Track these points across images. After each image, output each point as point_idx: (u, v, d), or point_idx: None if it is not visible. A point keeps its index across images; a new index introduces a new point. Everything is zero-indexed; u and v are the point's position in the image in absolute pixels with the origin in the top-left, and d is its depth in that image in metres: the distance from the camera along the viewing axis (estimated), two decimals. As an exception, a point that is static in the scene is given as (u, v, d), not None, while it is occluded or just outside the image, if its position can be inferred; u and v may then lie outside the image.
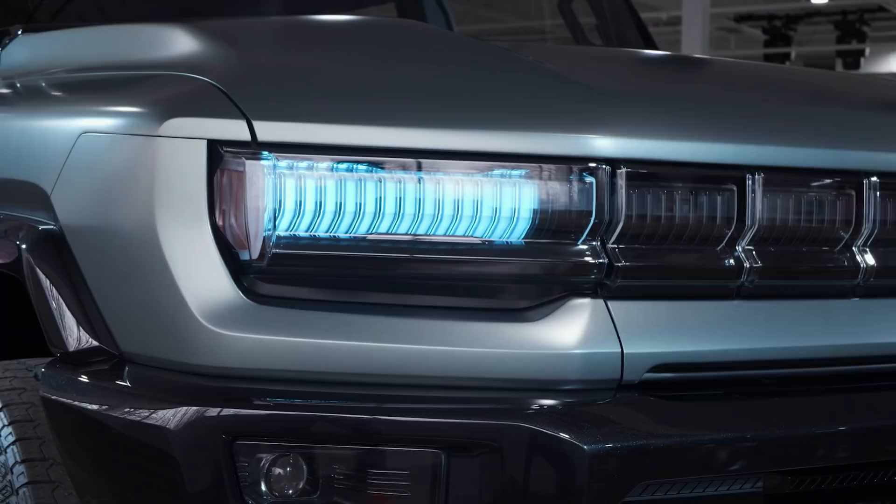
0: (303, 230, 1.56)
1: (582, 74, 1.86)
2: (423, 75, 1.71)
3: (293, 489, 1.55)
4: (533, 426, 1.50)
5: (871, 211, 1.79)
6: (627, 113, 1.66)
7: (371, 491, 1.53)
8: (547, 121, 1.61)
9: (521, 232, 1.59)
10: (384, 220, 1.57)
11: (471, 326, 1.58)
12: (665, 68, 2.45)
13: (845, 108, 2.07)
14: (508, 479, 1.51)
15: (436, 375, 1.56)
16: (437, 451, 1.51)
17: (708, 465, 1.59)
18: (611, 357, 1.58)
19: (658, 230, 1.64)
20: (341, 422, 1.54)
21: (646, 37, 3.99)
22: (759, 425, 1.65)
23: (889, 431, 1.77)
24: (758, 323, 1.71)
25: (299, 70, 1.68)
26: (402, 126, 1.57)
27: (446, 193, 1.57)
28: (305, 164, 1.55)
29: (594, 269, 1.60)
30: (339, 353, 1.55)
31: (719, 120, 1.73)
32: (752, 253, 1.71)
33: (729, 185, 1.68)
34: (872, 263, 1.80)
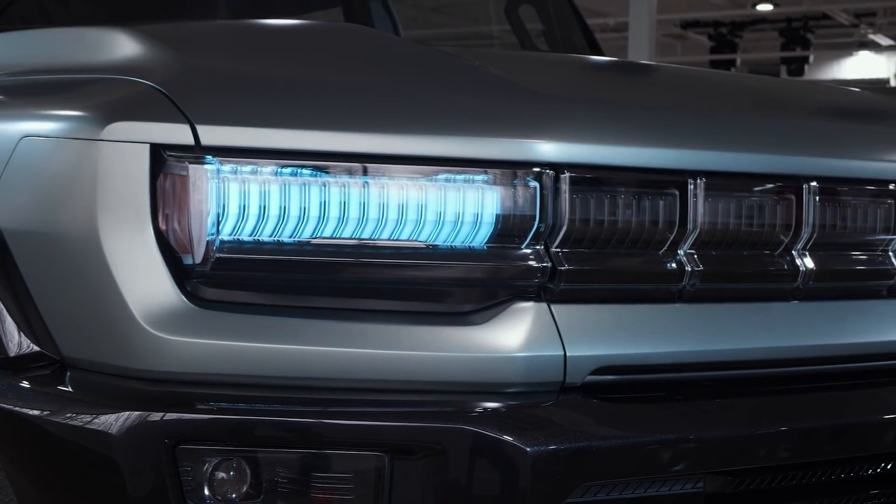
0: (247, 234, 1.55)
1: (526, 80, 1.87)
2: (368, 80, 1.71)
3: (237, 493, 1.54)
4: (476, 429, 1.51)
5: (810, 215, 1.82)
6: (571, 118, 1.67)
7: (314, 494, 1.53)
8: (491, 126, 1.62)
9: (465, 236, 1.60)
10: (329, 225, 1.57)
11: (415, 330, 1.58)
12: (609, 74, 2.47)
13: (787, 115, 2.10)
14: (452, 482, 1.51)
15: (380, 379, 1.57)
16: (381, 454, 1.52)
17: (649, 466, 1.61)
18: (554, 360, 1.59)
19: (601, 234, 1.65)
20: (284, 425, 1.54)
21: (592, 43, 4.02)
22: (699, 426, 1.67)
23: (828, 432, 1.80)
24: (699, 325, 1.73)
25: (244, 74, 1.67)
26: (347, 130, 1.57)
27: (391, 198, 1.58)
28: (249, 169, 1.55)
29: (538, 273, 1.61)
30: (282, 357, 1.55)
31: (661, 125, 1.75)
32: (694, 257, 1.73)
33: (671, 189, 1.70)
34: (812, 266, 1.83)
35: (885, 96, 2.63)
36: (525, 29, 4.04)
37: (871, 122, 2.21)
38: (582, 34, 4.04)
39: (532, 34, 4.04)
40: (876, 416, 1.86)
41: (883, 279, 1.94)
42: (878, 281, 1.93)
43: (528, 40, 4.01)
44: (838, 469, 1.83)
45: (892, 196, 1.92)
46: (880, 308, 1.94)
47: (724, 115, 1.91)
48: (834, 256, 1.87)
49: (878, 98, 2.57)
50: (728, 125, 1.83)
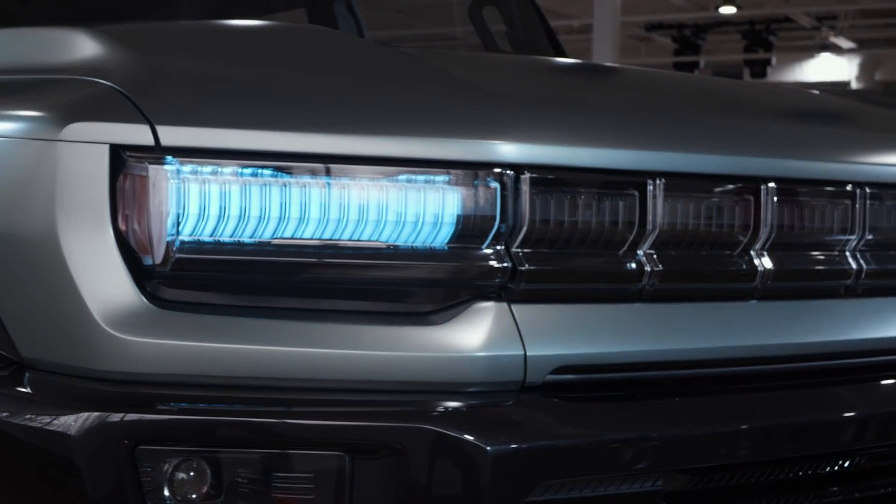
0: (207, 235, 1.55)
1: (487, 81, 1.88)
2: (329, 81, 1.71)
3: (197, 494, 1.54)
4: (436, 428, 1.52)
5: (768, 216, 1.83)
6: (531, 119, 1.68)
7: (276, 494, 1.53)
8: (452, 127, 1.62)
9: (425, 236, 1.61)
10: (289, 225, 1.57)
11: (376, 330, 1.59)
12: (571, 76, 2.48)
13: (746, 116, 2.11)
14: (413, 481, 1.52)
15: (341, 379, 1.57)
16: (342, 453, 1.52)
17: (608, 465, 1.62)
18: (514, 359, 1.60)
19: (561, 235, 1.66)
20: (245, 426, 1.54)
21: (555, 44, 4.04)
22: (658, 425, 1.68)
23: (786, 430, 1.82)
24: (659, 325, 1.75)
25: (205, 75, 1.67)
26: (307, 131, 1.57)
27: (352, 198, 1.58)
28: (210, 169, 1.55)
29: (498, 274, 1.62)
30: (243, 358, 1.55)
31: (621, 127, 1.76)
32: (653, 257, 1.74)
33: (630, 190, 1.71)
34: (770, 266, 1.85)
35: (843, 98, 2.66)
36: (489, 30, 4.05)
37: (829, 124, 2.24)
38: (545, 36, 4.06)
39: (496, 35, 4.04)
40: (834, 415, 1.88)
41: (840, 279, 1.96)
42: (836, 281, 1.95)
43: (492, 42, 4.02)
44: (797, 467, 1.85)
45: (849, 197, 1.94)
46: (837, 307, 1.96)
47: (683, 116, 1.93)
48: (792, 256, 1.89)
49: (837, 100, 2.60)
50: (687, 126, 1.85)
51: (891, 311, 2.03)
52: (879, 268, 1.99)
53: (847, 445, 1.90)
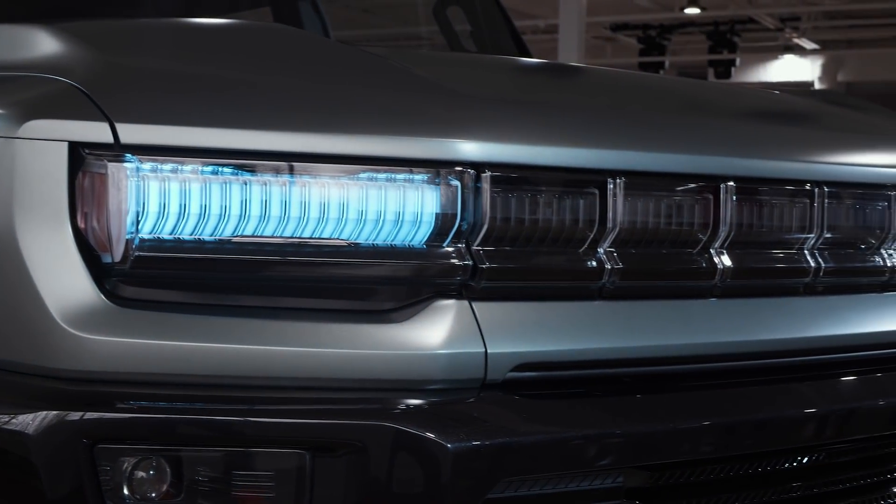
0: (167, 233, 1.55)
1: (449, 80, 1.89)
2: (291, 79, 1.71)
3: (156, 492, 1.54)
4: (396, 425, 1.52)
5: (728, 214, 1.85)
6: (492, 118, 1.69)
7: (236, 493, 1.53)
8: (413, 125, 1.63)
9: (386, 234, 1.61)
10: (249, 223, 1.57)
11: (336, 328, 1.59)
12: (533, 75, 2.49)
13: (706, 116, 2.13)
14: (373, 479, 1.52)
15: (301, 377, 1.57)
16: (302, 451, 1.52)
17: (569, 462, 1.63)
18: (475, 357, 1.61)
19: (522, 233, 1.67)
20: (204, 424, 1.53)
21: (519, 44, 4.05)
22: (618, 422, 1.69)
23: (746, 427, 1.83)
24: (619, 323, 1.76)
25: (165, 72, 1.66)
26: (268, 129, 1.57)
27: (312, 196, 1.58)
28: (170, 167, 1.54)
29: (459, 271, 1.62)
30: (203, 356, 1.54)
31: (582, 125, 1.77)
32: (614, 255, 1.75)
33: (591, 188, 1.72)
34: (729, 265, 1.86)
35: (804, 98, 2.68)
36: (453, 30, 4.05)
37: (789, 124, 2.26)
38: (509, 35, 4.07)
39: (461, 35, 4.05)
40: (793, 411, 1.90)
41: (799, 277, 1.97)
42: (795, 279, 1.97)
43: (457, 41, 4.02)
44: (758, 463, 1.87)
45: (808, 196, 1.96)
46: (796, 305, 1.98)
47: (644, 115, 1.94)
48: (751, 255, 1.91)
49: (797, 100, 2.62)
50: (647, 126, 1.86)
51: (849, 308, 2.05)
52: (837, 266, 2.02)
53: (806, 442, 1.92)
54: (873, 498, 2.07)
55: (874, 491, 2.07)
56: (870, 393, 2.04)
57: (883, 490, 2.09)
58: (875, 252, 2.10)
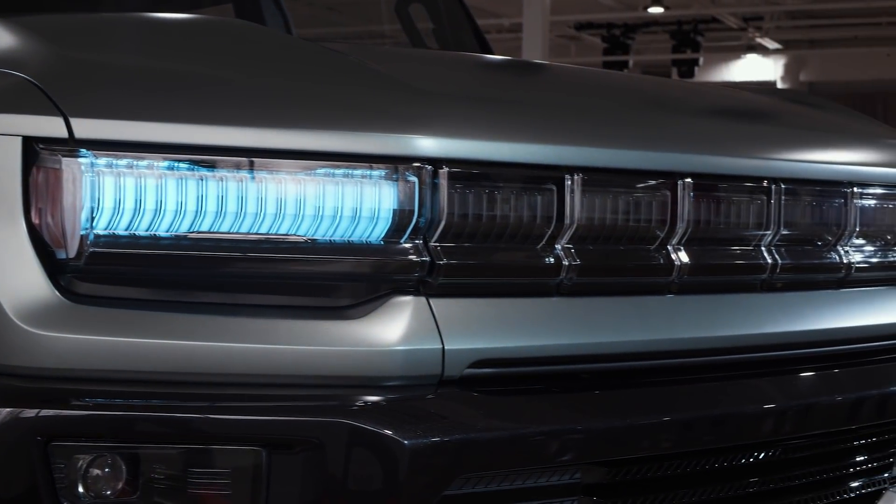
0: (122, 229, 1.54)
1: (408, 76, 1.88)
2: (247, 75, 1.70)
3: (112, 490, 1.53)
4: (353, 422, 1.52)
5: (685, 211, 1.86)
6: (450, 114, 1.68)
7: (192, 490, 1.52)
8: (370, 121, 1.62)
9: (343, 230, 1.60)
10: (206, 219, 1.56)
11: (293, 324, 1.58)
12: (493, 72, 2.49)
13: (665, 113, 2.14)
14: (330, 476, 1.52)
15: (258, 374, 1.56)
16: (258, 448, 1.51)
17: (525, 458, 1.63)
18: (432, 353, 1.60)
19: (479, 229, 1.67)
20: (160, 421, 1.53)
21: (482, 42, 4.05)
22: (576, 418, 1.69)
23: (703, 422, 1.84)
24: (576, 319, 1.76)
25: (120, 67, 1.65)
26: (225, 125, 1.56)
27: (269, 192, 1.57)
28: (125, 163, 1.53)
29: (416, 268, 1.62)
30: (159, 353, 1.54)
31: (539, 122, 1.77)
32: (571, 251, 1.75)
33: (549, 185, 1.72)
34: (686, 261, 1.87)
35: (763, 96, 2.69)
36: (415, 27, 4.05)
37: (747, 121, 2.27)
38: (472, 33, 4.07)
39: (424, 33, 4.05)
40: (750, 407, 1.91)
41: (756, 273, 1.98)
42: (752, 275, 1.98)
43: (419, 39, 4.02)
44: (715, 459, 1.87)
45: (765, 192, 1.97)
46: (753, 301, 1.99)
47: (603, 112, 1.95)
48: (708, 251, 1.91)
49: (756, 98, 2.64)
50: (605, 122, 1.86)
51: (805, 305, 2.06)
52: (794, 262, 2.03)
53: (764, 437, 1.93)
54: (830, 493, 2.08)
55: (831, 486, 2.09)
56: (826, 389, 2.06)
57: (839, 485, 2.11)
58: (832, 249, 2.11)
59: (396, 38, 4.44)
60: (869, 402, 2.09)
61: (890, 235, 2.22)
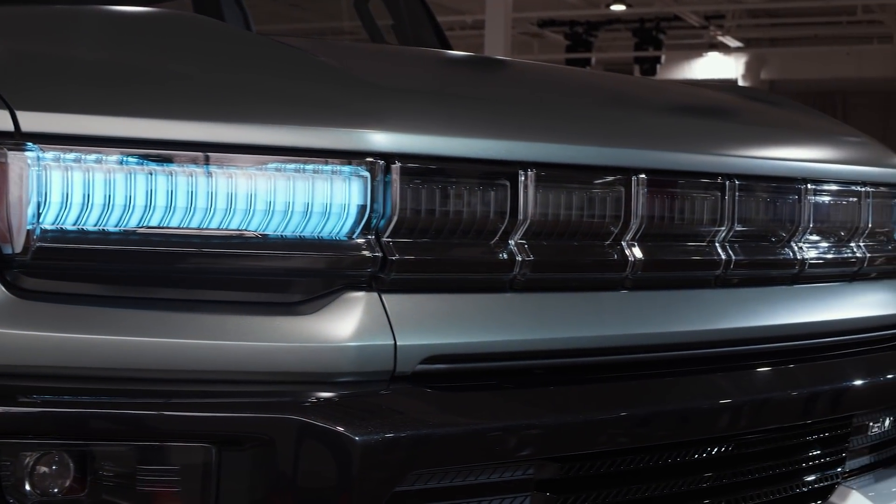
0: (70, 223, 1.52)
1: (361, 71, 1.88)
2: (199, 69, 1.69)
3: (59, 488, 1.51)
4: (303, 418, 1.51)
5: (639, 207, 1.86)
6: (402, 109, 1.68)
7: (141, 488, 1.51)
8: (322, 116, 1.61)
9: (295, 226, 1.59)
10: (155, 214, 1.54)
11: (244, 320, 1.57)
12: (449, 67, 2.48)
13: (619, 109, 2.14)
14: (281, 472, 1.51)
15: (209, 370, 1.55)
16: (208, 445, 1.50)
17: (478, 454, 1.63)
18: (384, 349, 1.59)
19: (432, 224, 1.66)
20: (108, 418, 1.51)
21: (441, 38, 4.04)
22: (529, 414, 1.69)
23: (657, 418, 1.84)
24: (530, 315, 1.76)
25: (69, 60, 1.64)
26: (174, 119, 1.55)
27: (219, 187, 1.56)
28: (73, 157, 1.51)
29: (368, 263, 1.61)
30: (107, 349, 1.52)
31: (493, 117, 1.77)
32: (525, 247, 1.75)
33: (502, 180, 1.72)
34: (640, 257, 1.87)
35: (720, 93, 2.71)
36: (375, 23, 4.05)
37: (702, 118, 2.28)
38: (432, 30, 4.07)
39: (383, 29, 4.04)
40: (704, 402, 1.92)
41: (710, 269, 1.99)
42: (706, 271, 1.99)
43: (378, 35, 4.02)
44: (669, 454, 1.88)
45: (719, 188, 1.98)
46: (708, 297, 1.99)
47: (556, 107, 1.95)
48: (662, 247, 1.92)
49: (713, 95, 2.65)
50: (558, 118, 1.86)
51: (759, 300, 2.07)
52: (748, 258, 2.03)
53: (718, 432, 1.94)
54: (784, 487, 2.09)
55: (785, 481, 2.10)
56: (780, 384, 2.07)
57: (793, 480, 2.12)
58: (786, 245, 2.12)
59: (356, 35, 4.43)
60: (822, 398, 2.11)
61: (844, 232, 2.24)
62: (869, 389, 2.20)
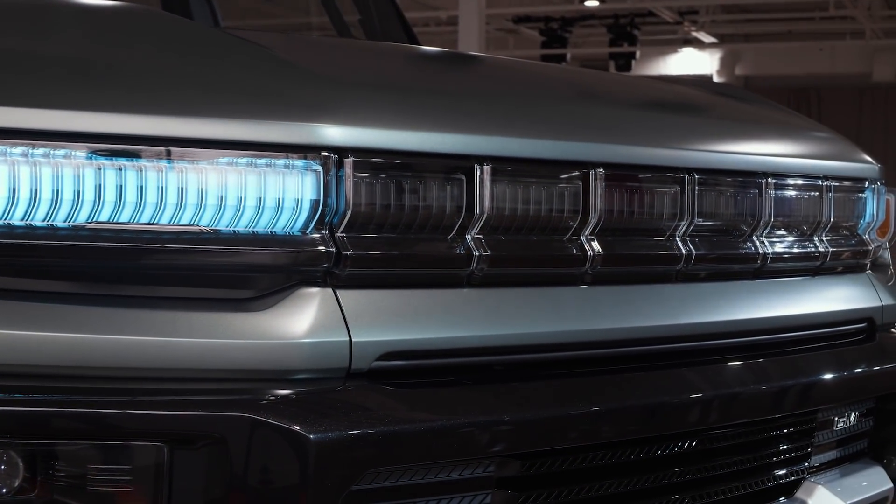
0: (17, 219, 1.49)
1: (317, 64, 1.86)
2: (150, 62, 1.67)
3: (8, 488, 1.48)
4: (256, 416, 1.48)
5: (597, 201, 1.84)
6: (355, 102, 1.66)
7: (92, 487, 1.49)
8: (274, 109, 1.59)
9: (247, 221, 1.57)
10: (104, 209, 1.52)
11: (196, 317, 1.55)
12: (408, 61, 2.46)
13: (578, 102, 2.13)
14: (234, 471, 1.48)
15: (160, 367, 1.53)
16: (159, 444, 1.48)
17: (436, 451, 1.61)
18: (339, 346, 1.58)
19: (387, 219, 1.64)
20: (57, 416, 1.48)
21: (409, 33, 4.03)
22: (487, 411, 1.67)
23: (617, 414, 1.83)
24: (488, 310, 1.74)
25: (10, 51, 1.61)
26: (124, 112, 1.52)
27: (170, 181, 1.53)
28: (20, 150, 1.49)
29: (322, 259, 1.59)
30: (55, 346, 1.49)
31: (448, 110, 1.75)
32: (482, 242, 1.73)
33: (458, 174, 1.70)
34: (599, 251, 1.85)
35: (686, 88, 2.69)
36: (342, 18, 4.04)
37: (663, 111, 2.26)
38: (399, 24, 4.06)
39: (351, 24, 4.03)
40: (665, 398, 1.90)
41: (671, 264, 1.97)
42: (666, 266, 1.97)
43: (345, 29, 4.00)
44: (633, 450, 1.87)
45: (679, 183, 1.96)
46: (668, 292, 1.98)
47: (513, 101, 1.93)
48: (622, 241, 1.90)
49: (677, 89, 2.64)
50: (515, 111, 1.85)
51: (721, 295, 2.06)
52: (709, 253, 2.02)
53: (679, 428, 1.93)
54: (749, 483, 2.09)
55: (749, 476, 2.09)
56: (743, 379, 2.06)
57: (758, 475, 2.11)
58: (747, 239, 2.11)
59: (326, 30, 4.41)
60: (786, 393, 2.10)
61: (806, 226, 2.23)
62: (833, 384, 2.20)
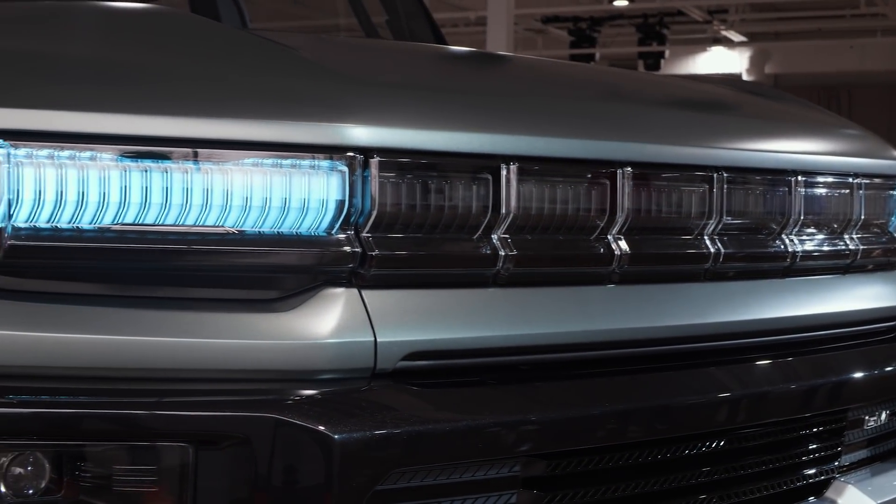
0: (43, 221, 1.50)
1: (343, 65, 1.85)
2: (175, 64, 1.67)
3: (34, 489, 1.49)
4: (280, 416, 1.48)
5: (624, 200, 1.83)
6: (380, 102, 1.65)
7: (117, 488, 1.49)
8: (300, 110, 1.59)
9: (273, 221, 1.57)
10: (130, 211, 1.52)
11: (222, 318, 1.55)
12: (435, 61, 2.45)
13: (606, 101, 2.11)
14: (258, 472, 1.48)
15: (186, 368, 1.52)
16: (185, 445, 1.48)
17: (461, 451, 1.60)
18: (364, 346, 1.57)
19: (413, 219, 1.64)
20: (84, 418, 1.48)
21: (437, 33, 4.03)
22: (513, 410, 1.66)
23: (645, 414, 1.82)
24: (514, 310, 1.73)
25: (37, 54, 1.61)
26: (149, 114, 1.52)
27: (195, 183, 1.53)
28: (45, 153, 1.49)
29: (347, 259, 1.59)
30: (82, 348, 1.49)
31: (474, 110, 1.74)
32: (508, 241, 1.72)
33: (484, 174, 1.69)
34: (626, 251, 1.84)
35: (713, 86, 2.68)
36: (369, 19, 4.04)
37: (691, 110, 2.25)
38: (427, 24, 4.06)
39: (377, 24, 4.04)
40: (693, 397, 1.89)
41: (699, 263, 1.96)
42: (694, 265, 1.96)
43: (373, 30, 4.01)
44: (657, 450, 1.85)
45: (707, 181, 1.95)
46: (696, 291, 1.97)
47: (540, 100, 1.92)
48: (649, 240, 1.89)
49: (705, 88, 2.62)
50: (542, 110, 1.84)
51: (749, 294, 2.04)
52: (738, 252, 2.01)
53: (707, 428, 1.91)
54: (778, 483, 2.07)
55: (778, 476, 2.08)
56: (772, 379, 2.04)
57: (787, 475, 2.09)
58: (776, 238, 2.09)
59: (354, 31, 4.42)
60: (816, 392, 2.08)
61: (836, 224, 2.21)
62: (864, 383, 2.18)
